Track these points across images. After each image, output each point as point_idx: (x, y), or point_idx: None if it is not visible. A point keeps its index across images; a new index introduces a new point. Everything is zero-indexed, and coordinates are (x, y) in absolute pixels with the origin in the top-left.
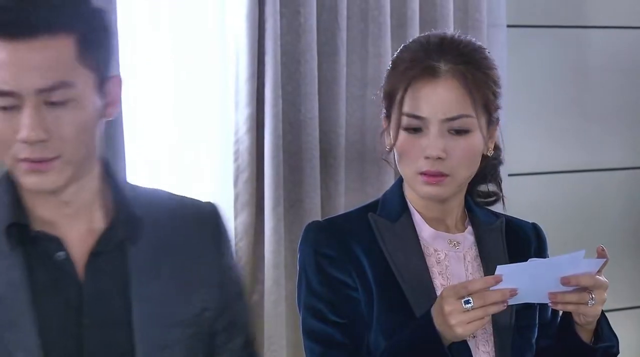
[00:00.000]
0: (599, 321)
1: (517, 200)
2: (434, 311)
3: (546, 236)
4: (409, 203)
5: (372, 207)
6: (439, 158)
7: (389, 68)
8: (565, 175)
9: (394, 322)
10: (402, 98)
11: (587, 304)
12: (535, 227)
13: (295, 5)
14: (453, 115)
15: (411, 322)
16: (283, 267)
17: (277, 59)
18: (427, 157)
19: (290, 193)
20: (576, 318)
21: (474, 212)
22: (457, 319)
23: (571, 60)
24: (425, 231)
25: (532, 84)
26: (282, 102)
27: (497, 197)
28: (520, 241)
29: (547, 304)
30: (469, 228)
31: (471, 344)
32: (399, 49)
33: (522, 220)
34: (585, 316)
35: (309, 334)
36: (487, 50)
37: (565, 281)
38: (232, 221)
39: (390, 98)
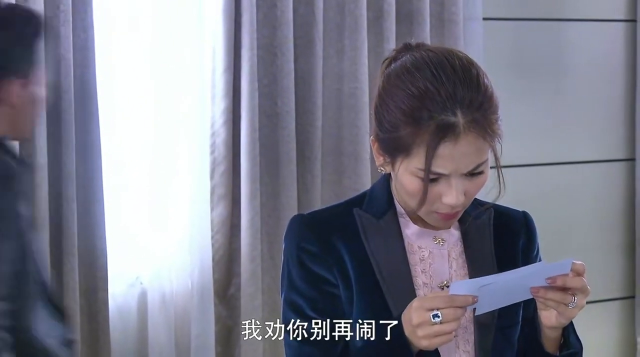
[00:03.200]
0: (565, 329)
1: (488, 193)
2: (404, 319)
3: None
4: (395, 200)
5: (358, 201)
6: None
7: (385, 107)
8: (539, 168)
9: (372, 321)
10: (420, 155)
11: (568, 305)
12: (525, 217)
13: None
14: (473, 166)
15: (383, 325)
16: (259, 260)
17: (254, 52)
18: (446, 204)
19: (267, 186)
20: (547, 320)
21: None
22: (424, 331)
23: (547, 54)
24: (410, 228)
25: (508, 77)
26: (258, 95)
27: None
28: (509, 234)
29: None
30: (456, 223)
31: (451, 343)
32: (394, 91)
33: (512, 209)
34: (561, 317)
35: (287, 328)
36: (483, 71)
37: (551, 281)
38: (209, 213)
39: (399, 147)
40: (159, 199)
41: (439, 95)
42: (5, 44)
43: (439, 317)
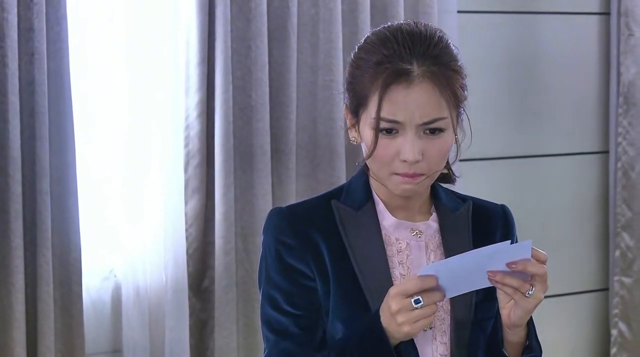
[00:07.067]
0: (528, 333)
1: (464, 185)
2: (382, 309)
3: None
4: (373, 191)
5: (336, 194)
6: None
7: (353, 64)
8: (513, 161)
9: (349, 313)
10: (375, 102)
11: (525, 293)
12: (504, 210)
13: None
14: (429, 119)
15: (362, 318)
16: (234, 253)
17: (228, 44)
18: (403, 160)
19: (241, 179)
20: (506, 318)
21: (439, 199)
22: (405, 317)
23: (521, 46)
24: (387, 219)
25: (482, 70)
26: (232, 87)
27: (449, 178)
28: (487, 227)
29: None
30: (434, 215)
31: (428, 335)
32: (362, 46)
33: (491, 203)
34: (517, 309)
35: (265, 322)
36: (449, 38)
37: (511, 266)
38: (183, 207)
39: (360, 99)
40: (133, 193)
41: (397, 45)
42: None
43: (420, 301)
